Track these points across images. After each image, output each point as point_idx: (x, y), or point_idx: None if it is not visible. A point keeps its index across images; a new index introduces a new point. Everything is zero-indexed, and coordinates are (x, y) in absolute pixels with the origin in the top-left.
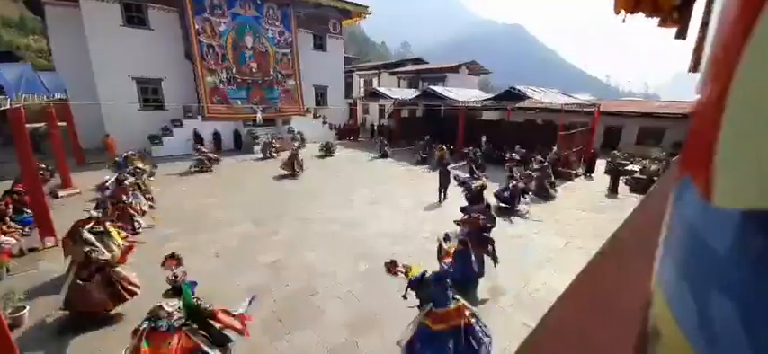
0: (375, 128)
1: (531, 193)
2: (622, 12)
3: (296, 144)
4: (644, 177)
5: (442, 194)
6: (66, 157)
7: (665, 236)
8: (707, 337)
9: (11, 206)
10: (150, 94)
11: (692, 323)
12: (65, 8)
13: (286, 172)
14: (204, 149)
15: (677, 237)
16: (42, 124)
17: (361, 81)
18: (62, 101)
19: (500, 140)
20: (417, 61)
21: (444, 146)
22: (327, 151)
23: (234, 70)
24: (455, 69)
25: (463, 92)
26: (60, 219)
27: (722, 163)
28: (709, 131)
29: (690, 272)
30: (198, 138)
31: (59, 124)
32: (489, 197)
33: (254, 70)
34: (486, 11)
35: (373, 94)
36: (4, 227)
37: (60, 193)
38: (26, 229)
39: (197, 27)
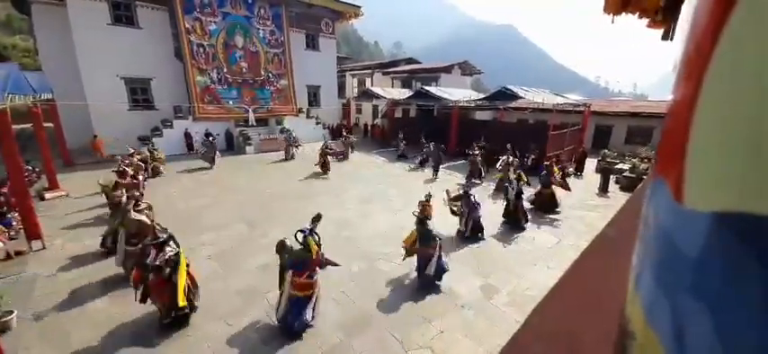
0: (369, 127)
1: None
2: (612, 13)
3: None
4: (634, 176)
5: (434, 172)
6: (53, 158)
7: (640, 237)
8: (679, 341)
9: None
10: (139, 94)
11: (665, 326)
12: (51, 7)
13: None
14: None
15: (650, 239)
16: (29, 125)
17: (355, 81)
18: (49, 102)
19: (494, 140)
20: (410, 61)
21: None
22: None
23: (224, 69)
24: (448, 69)
25: (456, 93)
26: (47, 221)
27: (693, 163)
28: (682, 132)
29: (661, 275)
30: (188, 138)
31: (46, 125)
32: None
33: (244, 70)
34: (478, 11)
35: (367, 94)
36: None
37: (47, 195)
38: (12, 232)
39: (187, 26)
